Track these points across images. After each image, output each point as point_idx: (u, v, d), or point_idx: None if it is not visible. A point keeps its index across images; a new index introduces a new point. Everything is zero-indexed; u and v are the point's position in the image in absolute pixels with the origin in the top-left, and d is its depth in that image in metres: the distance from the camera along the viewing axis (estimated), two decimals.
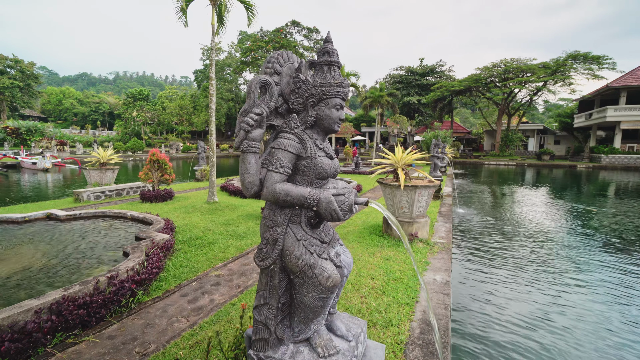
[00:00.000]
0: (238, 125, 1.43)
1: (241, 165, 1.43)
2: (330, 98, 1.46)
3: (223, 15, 7.35)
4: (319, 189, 1.40)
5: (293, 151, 1.41)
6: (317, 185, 1.51)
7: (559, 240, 6.56)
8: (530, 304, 3.89)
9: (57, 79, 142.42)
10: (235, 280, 3.57)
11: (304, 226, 1.49)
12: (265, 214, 1.53)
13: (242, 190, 1.44)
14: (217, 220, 5.99)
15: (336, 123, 1.50)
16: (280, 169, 1.38)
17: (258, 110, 1.38)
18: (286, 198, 1.35)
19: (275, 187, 1.36)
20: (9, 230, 4.77)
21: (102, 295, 2.73)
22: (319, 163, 1.46)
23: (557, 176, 21.27)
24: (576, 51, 28.89)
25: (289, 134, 1.44)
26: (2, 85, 40.76)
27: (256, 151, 1.41)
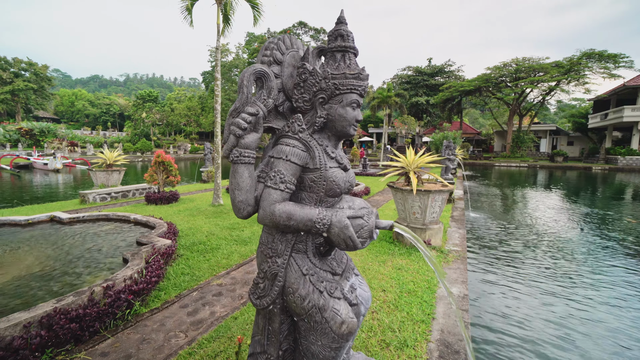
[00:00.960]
0: (227, 128, 1.17)
1: (231, 179, 1.18)
2: (344, 93, 1.19)
3: (229, 14, 7.22)
4: (331, 210, 1.15)
5: (297, 162, 1.16)
6: (328, 204, 1.25)
7: (583, 250, 6.21)
8: (553, 319, 3.60)
9: (70, 81, 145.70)
10: (238, 290, 3.38)
11: (311, 256, 1.23)
12: (263, 240, 1.29)
13: (233, 210, 1.20)
14: (222, 224, 5.84)
15: (352, 125, 1.23)
16: (281, 184, 1.13)
17: (252, 109, 1.14)
18: (288, 222, 1.10)
19: (274, 208, 1.11)
20: (11, 234, 4.69)
21: (97, 308, 2.57)
22: (330, 176, 1.20)
23: (572, 178, 20.62)
24: (591, 49, 28.06)
25: (292, 139, 1.18)
26: (17, 88, 41.69)
27: (250, 162, 1.16)
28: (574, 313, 3.73)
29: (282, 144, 1.20)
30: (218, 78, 7.12)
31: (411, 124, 33.60)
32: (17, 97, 42.39)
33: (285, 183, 1.14)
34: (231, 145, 1.17)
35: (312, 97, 1.23)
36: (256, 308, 1.27)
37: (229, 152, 1.18)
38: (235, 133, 1.14)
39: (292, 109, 1.34)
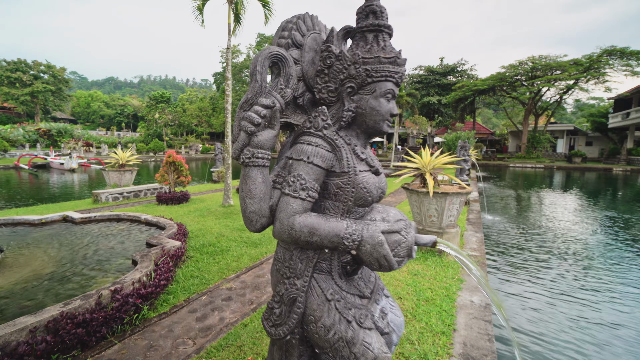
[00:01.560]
0: (237, 124, 1.01)
1: (242, 185, 1.02)
2: (378, 81, 1.01)
3: (240, 13, 7.16)
4: (361, 223, 0.97)
5: (321, 164, 0.98)
6: (357, 216, 1.07)
7: (611, 257, 5.87)
8: (582, 331, 3.36)
9: (86, 83, 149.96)
10: (248, 294, 3.27)
11: (336, 277, 1.05)
12: (278, 256, 1.12)
13: (244, 222, 1.03)
14: (232, 225, 5.76)
15: (385, 120, 1.06)
16: (301, 192, 0.96)
17: (267, 100, 0.97)
18: (310, 238, 0.94)
19: (294, 220, 0.95)
20: (25, 233, 4.72)
21: (104, 312, 2.50)
22: (360, 182, 1.02)
23: (592, 180, 19.86)
24: (612, 46, 27.00)
25: (315, 137, 1.01)
26: (36, 90, 43.03)
27: (264, 164, 0.99)
28: (603, 325, 3.48)
29: (303, 142, 1.02)
30: (229, 78, 7.07)
31: (422, 124, 33.06)
32: (36, 99, 43.75)
33: (307, 190, 0.96)
34: (242, 144, 0.99)
35: (338, 86, 1.05)
36: (270, 337, 1.11)
37: (240, 152, 1.00)
38: (247, 129, 0.97)
39: (313, 102, 1.15)
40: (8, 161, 22.34)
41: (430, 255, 4.27)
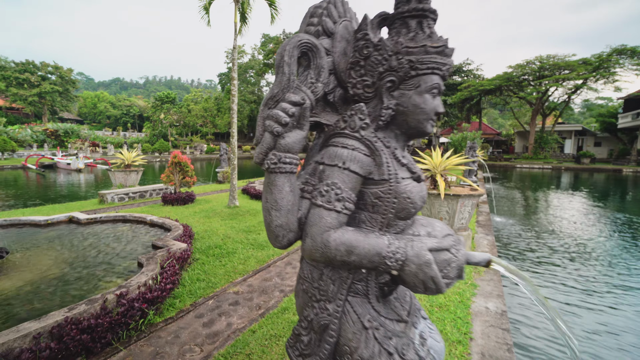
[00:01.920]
0: (260, 124, 0.90)
1: (265, 194, 0.91)
2: (423, 74, 0.89)
3: (246, 13, 7.11)
4: (403, 239, 0.86)
5: (359, 170, 0.87)
6: (397, 230, 0.95)
7: (627, 260, 5.70)
8: (602, 338, 3.23)
9: (93, 84, 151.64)
10: (255, 299, 3.19)
11: (373, 300, 0.93)
12: (305, 274, 1.00)
13: (268, 237, 0.93)
14: (238, 227, 5.70)
15: (429, 120, 0.94)
16: (336, 203, 0.85)
17: (296, 96, 0.87)
18: (348, 258, 0.83)
19: (328, 237, 0.83)
20: (31, 234, 4.70)
21: (109, 317, 2.43)
22: (403, 191, 0.90)
23: (601, 181, 19.50)
24: (622, 45, 26.53)
25: (351, 139, 0.90)
26: (44, 90, 43.55)
27: (292, 170, 0.89)
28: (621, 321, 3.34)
29: (337, 145, 0.90)
30: (235, 78, 7.01)
31: None
32: (43, 100, 44.28)
33: (343, 201, 0.85)
34: (266, 147, 0.88)
35: (376, 80, 0.92)
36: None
37: (264, 156, 0.88)
38: (273, 130, 0.85)
39: (345, 99, 1.02)
40: (16, 161, 22.60)
41: None
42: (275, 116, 0.86)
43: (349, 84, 0.97)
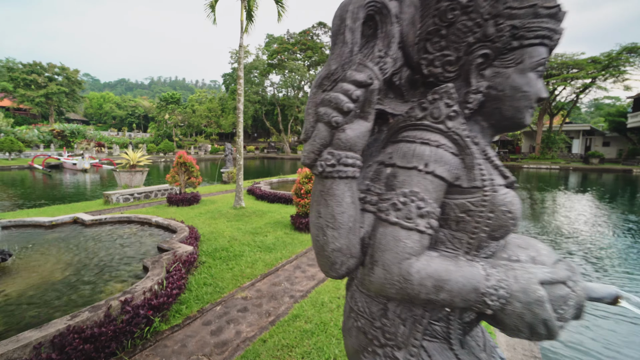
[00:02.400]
0: (311, 112, 0.71)
1: (316, 207, 0.72)
2: (529, 45, 0.68)
3: (252, 10, 7.00)
4: (501, 267, 0.68)
5: (446, 175, 0.68)
6: (487, 253, 0.75)
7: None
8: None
9: (99, 85, 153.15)
10: (264, 305, 3.06)
11: (456, 346, 0.74)
12: (360, 307, 0.80)
13: (319, 263, 0.75)
14: (244, 229, 5.58)
15: (530, 108, 0.74)
16: (419, 220, 0.65)
17: (361, 75, 0.68)
18: (436, 295, 0.64)
19: (409, 268, 0.64)
20: (36, 236, 4.62)
21: (114, 325, 2.32)
22: (501, 203, 0.70)
23: (611, 182, 19.12)
24: (633, 43, 26.02)
25: (433, 132, 0.70)
26: (50, 91, 43.94)
27: (355, 174, 0.70)
28: None
29: (413, 140, 0.70)
30: (241, 77, 6.90)
31: None
32: (50, 100, 44.67)
33: (428, 217, 0.66)
34: (320, 144, 0.68)
35: (462, 55, 0.71)
36: None
37: (316, 155, 0.69)
38: (331, 120, 0.66)
39: (412, 82, 0.80)
40: (23, 161, 22.76)
41: None
42: (334, 101, 0.65)
43: (423, 61, 0.74)
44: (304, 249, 4.63)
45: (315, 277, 3.70)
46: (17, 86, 41.74)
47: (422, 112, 0.72)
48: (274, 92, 42.11)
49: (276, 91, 41.91)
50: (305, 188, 5.40)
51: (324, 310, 2.90)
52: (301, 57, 38.43)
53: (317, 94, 0.70)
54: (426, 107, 0.71)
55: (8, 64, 43.10)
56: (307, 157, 0.71)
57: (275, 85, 41.40)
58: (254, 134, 52.59)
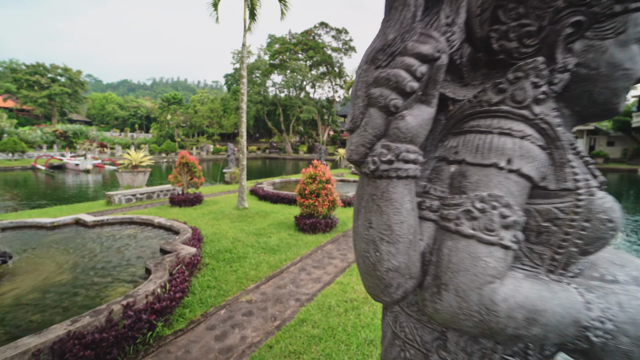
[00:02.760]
0: (362, 94, 0.58)
1: (367, 214, 0.59)
2: (636, 9, 0.55)
3: (255, 9, 6.93)
4: (599, 291, 0.56)
5: (533, 174, 0.56)
6: (575, 271, 0.63)
7: None
8: None
9: (101, 86, 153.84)
10: (270, 309, 2.98)
11: None
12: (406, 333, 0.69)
13: (366, 285, 0.62)
14: (247, 229, 5.50)
15: (626, 91, 0.61)
16: (503, 232, 0.53)
17: (427, 47, 0.55)
18: (528, 330, 0.51)
19: (494, 294, 0.51)
20: (37, 237, 4.56)
21: (115, 330, 2.24)
22: (600, 210, 0.58)
23: (615, 182, 18.92)
24: None
25: (515, 119, 0.57)
26: (53, 92, 44.14)
27: (416, 173, 0.59)
28: None
29: (488, 131, 0.57)
30: (244, 76, 6.84)
31: None
32: (53, 101, 44.86)
33: (513, 228, 0.53)
34: (373, 134, 0.56)
35: (546, 24, 0.57)
36: None
37: (367, 149, 0.57)
38: (388, 103, 0.54)
39: (473, 62, 0.67)
40: (26, 162, 22.81)
41: None
42: (393, 79, 0.53)
43: (493, 34, 0.60)
44: (308, 250, 4.54)
45: (320, 279, 3.62)
46: (20, 87, 41.97)
47: (498, 94, 0.57)
48: (276, 93, 42.08)
49: (278, 91, 41.88)
50: (309, 188, 5.32)
51: (331, 315, 2.81)
52: (303, 57, 38.39)
53: (369, 71, 0.58)
54: (504, 88, 0.57)
55: (11, 65, 43.36)
56: (354, 152, 0.58)
57: (277, 86, 41.37)
58: (256, 134, 52.60)
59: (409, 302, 0.66)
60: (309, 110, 36.52)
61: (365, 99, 0.57)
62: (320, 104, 40.12)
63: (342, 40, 38.88)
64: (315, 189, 5.29)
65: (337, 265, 4.06)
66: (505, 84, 0.57)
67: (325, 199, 5.32)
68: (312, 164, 5.56)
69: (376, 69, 0.57)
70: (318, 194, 5.31)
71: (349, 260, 4.23)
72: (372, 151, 0.57)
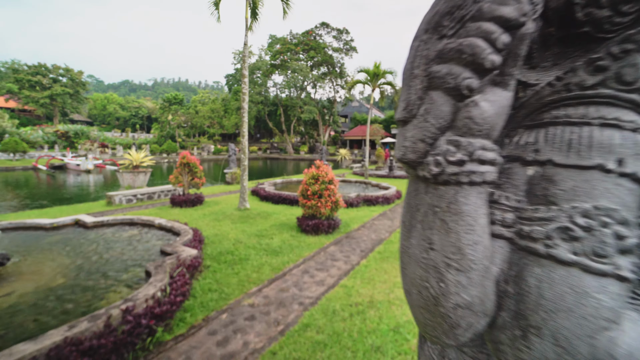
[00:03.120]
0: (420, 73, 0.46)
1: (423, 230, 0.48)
2: None
3: (257, 8, 6.86)
4: None
5: None
6: None
7: None
8: None
9: (103, 86, 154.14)
10: (272, 313, 2.91)
11: None
12: None
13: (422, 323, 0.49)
14: (249, 231, 5.43)
15: None
16: (618, 257, 0.40)
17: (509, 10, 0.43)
18: None
19: (612, 344, 0.38)
20: (36, 238, 4.50)
21: (114, 336, 2.17)
22: None
23: None
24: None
25: (618, 107, 0.45)
26: (55, 93, 44.20)
27: (493, 179, 0.47)
28: None
29: (584, 122, 0.46)
30: (246, 75, 6.77)
31: None
32: (55, 102, 44.93)
33: (632, 252, 0.41)
34: (436, 126, 0.45)
35: None
36: None
37: (427, 145, 0.46)
38: (460, 84, 0.43)
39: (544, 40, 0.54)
40: (27, 162, 22.80)
41: None
42: (467, 51, 0.42)
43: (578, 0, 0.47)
44: (311, 252, 4.47)
45: (324, 282, 3.54)
46: (22, 88, 42.06)
47: (594, 75, 0.45)
48: (277, 93, 42.05)
49: (279, 92, 41.85)
50: (311, 189, 5.24)
51: (336, 319, 2.74)
52: (304, 57, 38.35)
53: (431, 42, 0.46)
54: (605, 66, 0.44)
55: (13, 65, 43.47)
56: (411, 149, 0.46)
57: (278, 86, 41.34)
58: (257, 135, 52.57)
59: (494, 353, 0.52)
60: (310, 110, 36.48)
61: (425, 79, 0.46)
62: (321, 104, 40.08)
63: (343, 41, 38.84)
64: (317, 190, 5.21)
65: (340, 267, 3.98)
66: (606, 60, 0.44)
67: (328, 200, 5.25)
68: (314, 165, 5.49)
69: (440, 39, 0.45)
70: (321, 194, 5.24)
71: (352, 262, 4.16)
72: (434, 148, 0.45)
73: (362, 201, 7.93)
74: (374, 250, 4.61)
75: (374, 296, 3.16)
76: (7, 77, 43.13)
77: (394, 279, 3.56)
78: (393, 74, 13.68)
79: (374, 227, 5.94)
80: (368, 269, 3.89)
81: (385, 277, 3.62)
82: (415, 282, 0.48)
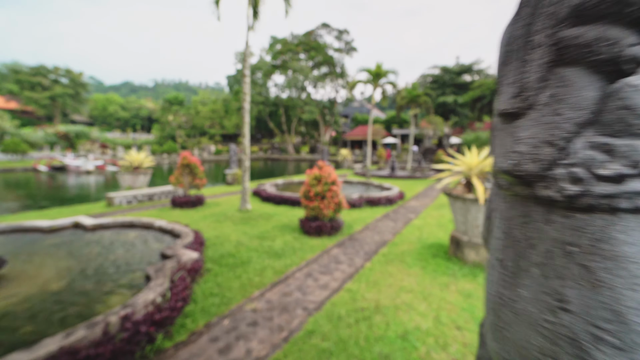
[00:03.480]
0: (543, 39, 0.29)
1: (544, 274, 0.32)
2: None
3: (258, 7, 6.79)
4: None
5: None
6: None
7: None
8: None
9: (103, 87, 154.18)
10: (276, 318, 2.82)
11: None
12: None
13: None
14: (251, 232, 5.34)
15: None
16: None
17: None
18: None
19: None
20: (33, 241, 4.42)
21: (112, 344, 2.09)
22: None
23: None
24: None
25: None
26: (55, 94, 44.21)
27: None
28: None
29: None
30: (247, 75, 6.69)
31: (438, 124, 32.17)
32: (55, 102, 44.93)
33: None
34: (573, 122, 0.28)
35: None
36: None
37: (558, 151, 0.30)
38: (620, 53, 0.27)
39: None
40: (27, 163, 22.75)
41: (480, 271, 3.72)
42: None
43: None
44: (314, 254, 4.38)
45: (328, 286, 3.46)
46: (22, 89, 42.07)
47: None
48: (278, 93, 41.99)
49: (280, 92, 41.79)
50: (314, 190, 5.15)
51: (341, 326, 2.65)
52: (305, 58, 38.29)
53: (562, 3, 0.32)
54: None
55: (14, 66, 43.47)
56: (529, 156, 0.32)
57: (279, 86, 41.28)
58: (258, 135, 52.50)
59: None
60: (310, 110, 36.42)
61: (552, 49, 0.30)
62: (322, 105, 39.99)
63: (344, 41, 38.78)
64: (320, 191, 5.13)
65: (344, 270, 3.89)
66: None
67: (330, 201, 5.16)
68: (317, 165, 5.40)
69: None
70: (323, 196, 5.15)
71: (356, 265, 4.07)
72: (566, 155, 0.31)
73: (365, 202, 7.84)
74: (378, 253, 4.52)
75: (380, 301, 3.07)
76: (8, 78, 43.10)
77: (400, 283, 3.48)
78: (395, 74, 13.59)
79: (378, 229, 5.85)
80: (373, 272, 3.80)
81: (391, 281, 3.54)
82: (530, 354, 0.31)
